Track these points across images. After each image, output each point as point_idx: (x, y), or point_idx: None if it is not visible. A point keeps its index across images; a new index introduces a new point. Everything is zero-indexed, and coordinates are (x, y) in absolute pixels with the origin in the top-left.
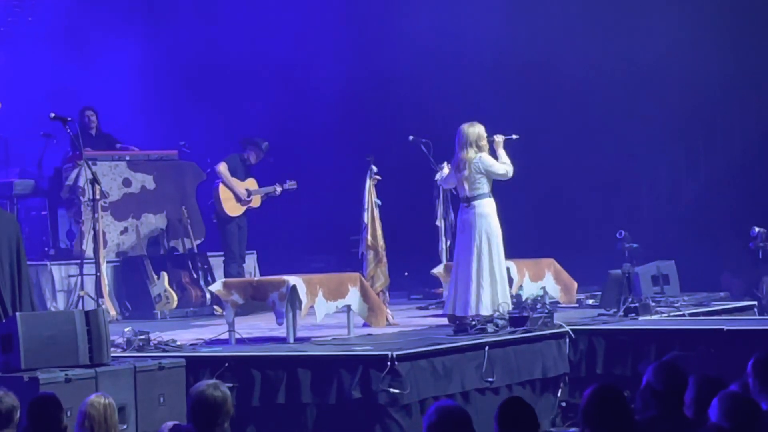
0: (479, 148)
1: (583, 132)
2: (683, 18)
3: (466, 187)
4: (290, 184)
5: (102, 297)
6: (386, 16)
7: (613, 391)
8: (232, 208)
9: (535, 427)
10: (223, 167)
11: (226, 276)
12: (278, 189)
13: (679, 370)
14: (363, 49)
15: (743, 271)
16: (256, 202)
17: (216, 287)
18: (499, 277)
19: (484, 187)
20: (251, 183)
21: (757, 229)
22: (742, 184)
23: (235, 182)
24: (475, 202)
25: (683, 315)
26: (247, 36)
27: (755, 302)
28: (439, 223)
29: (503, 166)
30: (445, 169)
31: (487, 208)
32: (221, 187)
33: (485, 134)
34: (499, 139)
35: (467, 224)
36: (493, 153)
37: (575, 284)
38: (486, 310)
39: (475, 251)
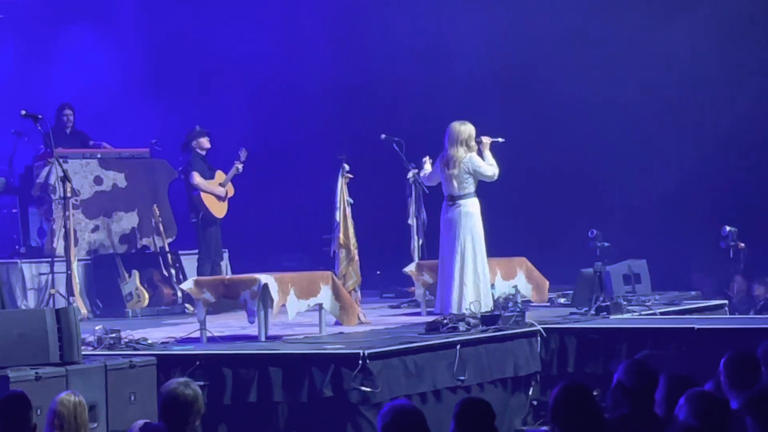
0: (469, 148)
1: (555, 131)
2: (655, 19)
3: (455, 185)
4: (243, 153)
5: (73, 295)
6: (360, 17)
7: (581, 390)
8: (219, 210)
9: (492, 427)
10: (197, 178)
11: (199, 274)
12: (239, 166)
13: (649, 369)
14: (336, 49)
15: (714, 270)
16: (230, 191)
17: (187, 285)
18: (482, 276)
19: (471, 186)
20: (220, 176)
21: (728, 228)
22: (713, 184)
23: (212, 185)
24: (461, 201)
25: (654, 314)
26: (223, 34)
27: (726, 301)
28: (411, 221)
29: (491, 168)
30: (427, 164)
31: (472, 208)
32: (202, 195)
33: (475, 134)
34: (486, 140)
35: (452, 223)
36: (480, 154)
37: (547, 283)
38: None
39: (458, 250)
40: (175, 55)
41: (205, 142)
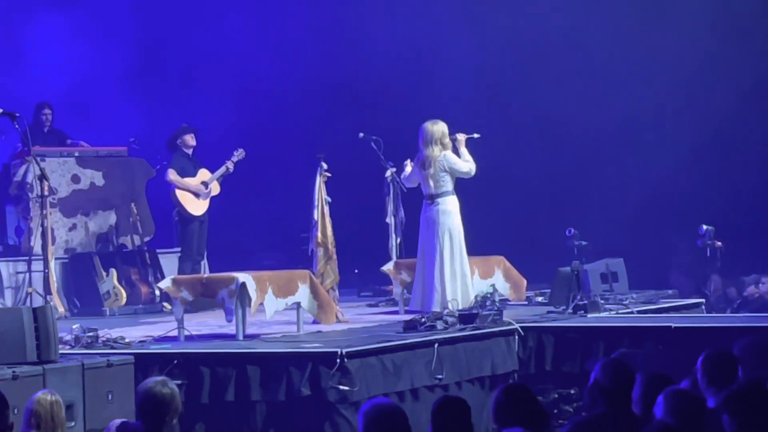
0: (443, 146)
1: (534, 130)
2: (634, 22)
3: (431, 184)
4: (238, 154)
5: (50, 294)
6: (338, 16)
7: (521, 390)
8: (196, 207)
9: (468, 425)
10: (171, 174)
11: (179, 272)
12: (230, 165)
13: (626, 367)
14: (315, 48)
15: (691, 269)
16: (215, 190)
17: (165, 284)
18: (460, 274)
19: (448, 184)
20: (204, 174)
21: (705, 227)
22: (691, 183)
23: (188, 182)
24: (439, 200)
25: (632, 312)
26: (204, 33)
27: (703, 300)
28: (389, 220)
29: (467, 164)
30: (408, 167)
31: (450, 206)
32: (177, 191)
33: (448, 132)
34: (461, 137)
35: (431, 221)
36: (456, 151)
37: (524, 281)
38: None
39: (437, 248)
40: (154, 54)
41: (189, 139)
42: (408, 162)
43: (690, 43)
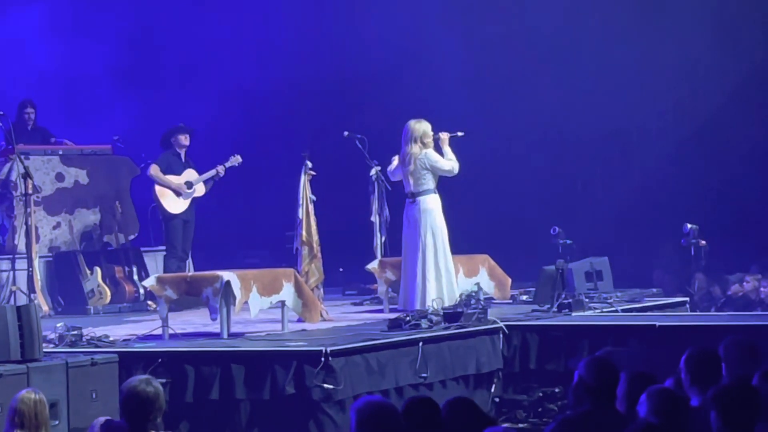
0: (424, 145)
1: (519, 129)
2: (619, 23)
3: (411, 182)
4: (234, 160)
5: (34, 292)
6: (324, 15)
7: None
8: (173, 206)
9: (439, 426)
10: (153, 169)
11: (165, 271)
12: (221, 169)
13: (611, 365)
14: (300, 46)
15: (675, 267)
16: (199, 191)
17: (150, 282)
18: (444, 272)
19: (429, 183)
20: (190, 174)
21: (689, 225)
22: (675, 182)
23: (170, 179)
24: (420, 198)
25: (616, 311)
26: (188, 31)
27: (687, 298)
28: (374, 218)
29: (449, 163)
30: (395, 161)
31: (431, 204)
32: (156, 187)
33: (431, 131)
34: (444, 136)
35: (412, 220)
36: (439, 149)
37: (509, 280)
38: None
39: (420, 246)
40: (141, 52)
41: (183, 139)
42: (396, 157)
43: (675, 43)
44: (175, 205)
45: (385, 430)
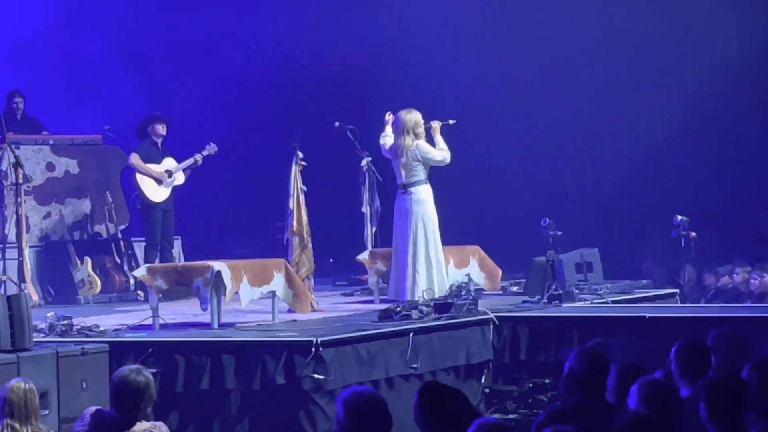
0: (416, 135)
1: (509, 120)
2: (607, 7)
3: (403, 173)
4: (210, 149)
5: (24, 282)
6: (314, 4)
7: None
8: (155, 194)
9: (388, 424)
10: (134, 158)
11: (145, 262)
12: (198, 158)
13: (601, 356)
14: (290, 36)
15: (665, 259)
16: (179, 179)
17: (140, 272)
18: (435, 262)
19: (421, 174)
20: (169, 162)
21: (679, 217)
22: (665, 173)
23: (151, 167)
24: (412, 189)
25: (606, 302)
26: (178, 19)
27: (677, 290)
28: (365, 209)
29: (440, 153)
30: (388, 126)
31: (423, 195)
32: (137, 176)
33: (422, 121)
34: (435, 125)
35: (404, 210)
36: (431, 139)
37: (500, 271)
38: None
39: (411, 237)
40: (130, 41)
41: (160, 128)
42: (389, 127)
43: (665, 30)
44: (156, 193)
45: (375, 420)
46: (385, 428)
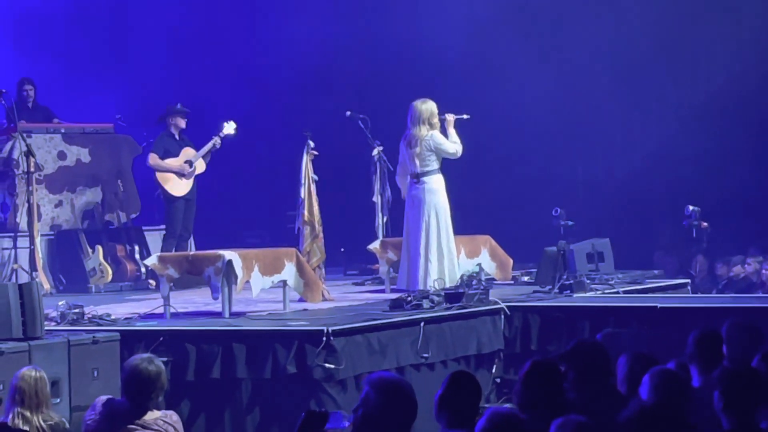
0: (431, 126)
1: (520, 110)
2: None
3: (417, 163)
4: (228, 127)
5: (36, 270)
6: None
7: (549, 367)
8: (177, 188)
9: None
10: (151, 159)
11: (162, 251)
12: (217, 141)
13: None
14: (302, 26)
15: (677, 249)
16: (200, 167)
17: (151, 261)
18: (446, 252)
19: (434, 163)
20: (188, 152)
21: (691, 207)
22: (677, 163)
23: (170, 163)
24: (425, 178)
25: (617, 292)
26: (189, 5)
27: (689, 280)
28: (376, 199)
29: (453, 145)
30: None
31: (436, 184)
32: (158, 174)
33: (437, 111)
34: (450, 117)
35: (417, 200)
36: (444, 131)
37: (511, 261)
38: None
39: (423, 226)
40: (142, 30)
41: (180, 121)
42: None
43: (676, 17)
44: (178, 187)
45: (404, 404)
46: (413, 412)
